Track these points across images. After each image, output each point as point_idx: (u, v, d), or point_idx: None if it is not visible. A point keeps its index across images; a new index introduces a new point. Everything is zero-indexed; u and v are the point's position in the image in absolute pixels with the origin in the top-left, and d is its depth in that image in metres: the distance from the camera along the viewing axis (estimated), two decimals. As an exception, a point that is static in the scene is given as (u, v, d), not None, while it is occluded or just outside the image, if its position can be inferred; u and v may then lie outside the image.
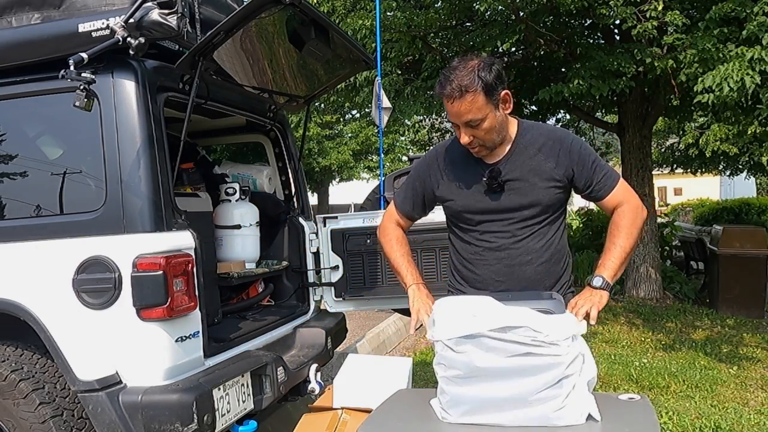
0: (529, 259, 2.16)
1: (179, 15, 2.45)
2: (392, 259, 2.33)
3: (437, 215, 2.51)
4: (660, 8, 5.62)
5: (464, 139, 2.06)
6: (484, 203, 2.16)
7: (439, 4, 7.54)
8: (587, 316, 1.95)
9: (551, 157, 2.12)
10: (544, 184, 2.12)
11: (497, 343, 1.67)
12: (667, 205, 22.24)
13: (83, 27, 2.50)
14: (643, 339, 6.23)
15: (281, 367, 2.99)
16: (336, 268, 3.70)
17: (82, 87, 2.32)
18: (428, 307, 2.11)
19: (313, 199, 21.71)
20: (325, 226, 3.71)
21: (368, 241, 3.61)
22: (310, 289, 3.81)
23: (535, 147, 2.14)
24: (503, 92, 2.03)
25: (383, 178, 4.17)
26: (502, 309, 1.75)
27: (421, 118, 11.25)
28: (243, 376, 2.80)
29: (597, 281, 2.05)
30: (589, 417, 1.70)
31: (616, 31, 7.48)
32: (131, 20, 2.41)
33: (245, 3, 2.53)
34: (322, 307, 3.86)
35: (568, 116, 11.22)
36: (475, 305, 1.79)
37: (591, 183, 2.15)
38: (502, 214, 2.15)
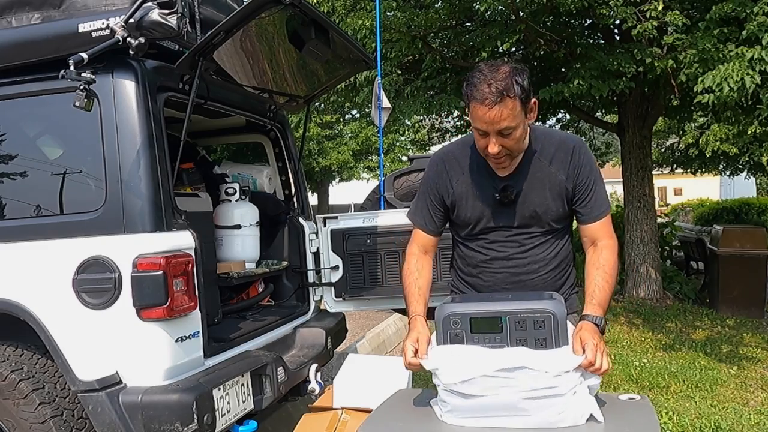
0: (536, 268, 2.15)
1: (179, 15, 2.45)
2: (404, 287, 2.21)
3: None
4: (660, 8, 5.62)
5: (493, 148, 1.94)
6: (495, 215, 2.12)
7: (439, 4, 7.54)
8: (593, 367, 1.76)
9: (562, 169, 2.07)
10: (555, 197, 2.08)
11: (502, 381, 1.66)
12: (667, 205, 22.24)
13: (83, 27, 2.50)
14: (643, 339, 6.23)
15: (281, 367, 2.99)
16: (336, 268, 3.70)
17: (82, 87, 2.32)
18: (422, 339, 1.93)
19: (313, 199, 21.70)
20: (325, 226, 3.71)
21: (368, 241, 3.62)
22: (310, 289, 3.81)
23: (547, 158, 2.08)
24: (533, 101, 1.97)
25: (383, 178, 4.16)
26: (497, 353, 1.74)
27: (421, 118, 11.24)
28: (243, 376, 2.80)
29: (599, 320, 1.90)
30: (591, 418, 1.70)
31: (616, 31, 7.48)
32: (131, 20, 2.40)
33: (245, 3, 2.53)
34: (322, 307, 3.86)
35: (568, 116, 11.22)
36: (470, 352, 1.77)
37: (582, 202, 2.09)
38: (511, 226, 2.12)
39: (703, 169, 14.70)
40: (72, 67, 2.32)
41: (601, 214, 2.09)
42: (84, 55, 2.35)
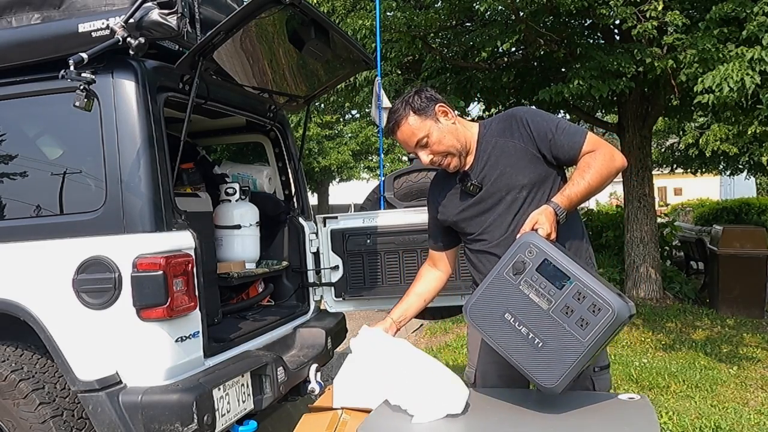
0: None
1: (179, 15, 2.45)
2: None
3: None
4: (660, 8, 5.62)
5: (424, 159, 2.17)
6: (470, 207, 2.20)
7: (439, 4, 7.54)
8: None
9: (511, 137, 2.13)
10: (511, 165, 2.12)
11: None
12: (667, 205, 22.23)
13: (83, 27, 2.50)
14: (643, 339, 6.22)
15: (281, 367, 2.99)
16: (336, 268, 3.70)
17: (82, 87, 2.32)
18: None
19: (313, 199, 21.70)
20: (325, 226, 3.71)
21: (368, 241, 3.62)
22: (310, 289, 3.81)
23: (494, 136, 2.17)
24: (436, 106, 2.13)
25: (383, 178, 4.16)
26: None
27: (421, 118, 11.22)
28: (243, 376, 2.80)
29: (557, 208, 2.00)
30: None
31: (616, 31, 7.48)
32: (131, 20, 2.40)
33: (245, 3, 2.53)
34: (322, 307, 3.86)
35: (568, 116, 11.22)
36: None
37: (555, 148, 2.10)
38: (490, 211, 2.18)
39: (703, 169, 14.72)
40: (72, 67, 2.32)
41: (579, 140, 2.09)
42: (84, 55, 2.35)
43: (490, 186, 2.15)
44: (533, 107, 2.26)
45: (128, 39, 2.41)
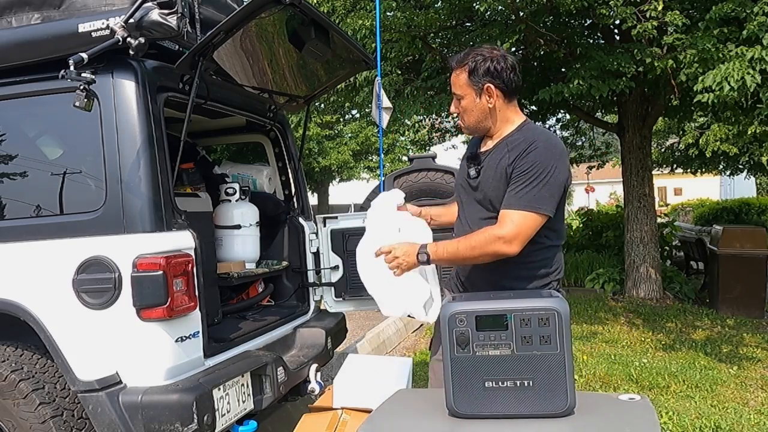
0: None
1: (179, 15, 2.45)
2: None
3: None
4: (660, 8, 5.62)
5: (451, 107, 2.32)
6: (466, 181, 2.31)
7: (439, 4, 7.54)
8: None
9: (513, 156, 2.16)
10: (497, 177, 2.18)
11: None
12: (667, 205, 22.26)
13: (83, 27, 2.50)
14: (643, 339, 6.23)
15: (281, 367, 2.99)
16: (336, 268, 3.70)
17: (82, 87, 2.32)
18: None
19: (313, 199, 21.70)
20: (325, 226, 3.71)
21: (368, 241, 3.61)
22: (310, 289, 3.81)
23: (512, 145, 2.19)
24: (486, 84, 2.18)
25: (383, 178, 4.16)
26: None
27: (421, 118, 11.24)
28: (243, 376, 2.80)
29: (421, 255, 2.19)
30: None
31: (616, 31, 7.48)
32: (131, 20, 2.40)
33: (245, 3, 2.53)
34: (322, 307, 3.86)
35: (568, 116, 11.22)
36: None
37: (508, 189, 2.14)
38: (468, 202, 2.30)
39: (703, 169, 14.72)
40: (72, 67, 2.32)
41: (512, 204, 2.11)
42: (84, 55, 2.35)
43: (482, 178, 2.25)
44: (553, 153, 2.20)
45: (128, 39, 2.41)
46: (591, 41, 7.72)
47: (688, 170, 14.79)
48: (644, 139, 8.32)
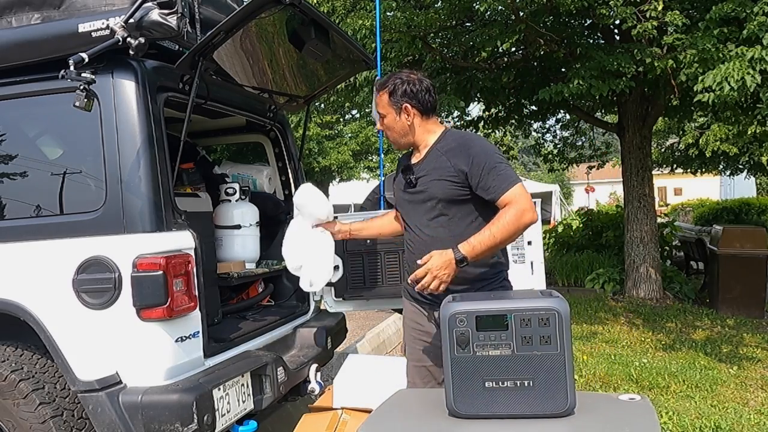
0: (431, 243, 2.34)
1: (179, 15, 2.45)
2: None
3: None
4: (660, 8, 5.62)
5: (377, 125, 2.57)
6: (405, 194, 2.48)
7: (439, 4, 7.53)
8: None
9: (452, 157, 2.35)
10: (438, 178, 2.35)
11: None
12: (667, 205, 22.26)
13: (83, 27, 2.50)
14: (643, 339, 6.23)
15: (281, 367, 2.99)
16: (336, 268, 3.69)
17: (82, 87, 2.32)
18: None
19: (313, 199, 21.58)
20: (325, 226, 3.71)
21: (368, 241, 3.61)
22: (310, 289, 3.80)
23: (444, 150, 2.39)
24: (404, 104, 2.42)
25: (383, 178, 4.16)
26: None
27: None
28: (243, 376, 2.80)
29: (457, 254, 2.22)
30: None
31: (616, 31, 7.48)
32: (131, 20, 2.41)
33: (245, 3, 2.53)
34: (322, 307, 3.86)
35: (568, 116, 11.21)
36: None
37: (481, 184, 2.29)
38: (415, 205, 2.44)
39: (703, 169, 14.72)
40: (72, 67, 2.32)
41: (504, 187, 2.27)
42: (84, 55, 2.35)
43: (420, 186, 2.41)
44: (487, 142, 2.35)
45: (128, 39, 2.41)
46: (591, 41, 7.71)
47: (688, 170, 14.78)
48: (644, 139, 8.32)
